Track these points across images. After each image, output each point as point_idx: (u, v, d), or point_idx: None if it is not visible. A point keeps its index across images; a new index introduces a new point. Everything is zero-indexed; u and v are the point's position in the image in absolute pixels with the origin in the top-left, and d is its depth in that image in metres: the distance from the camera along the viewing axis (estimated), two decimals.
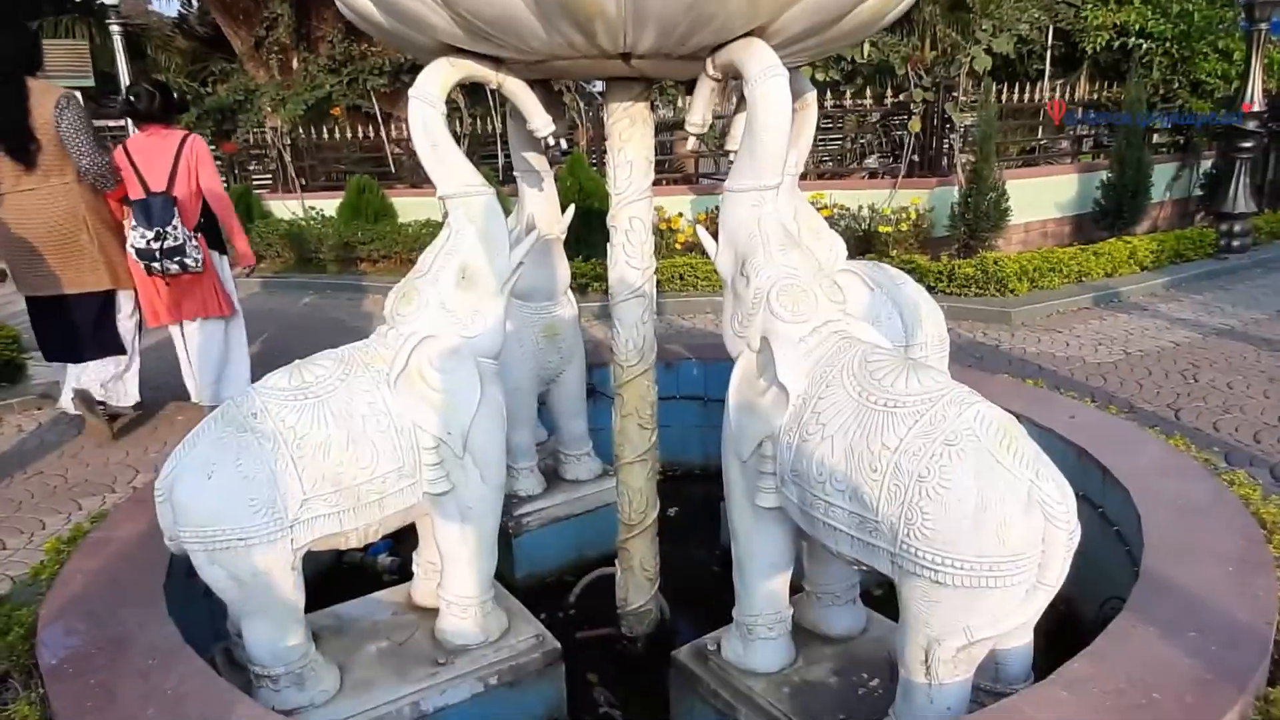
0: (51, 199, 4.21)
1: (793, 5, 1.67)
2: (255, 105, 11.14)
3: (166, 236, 4.20)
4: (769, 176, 1.80)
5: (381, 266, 9.88)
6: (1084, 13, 8.80)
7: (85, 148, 4.14)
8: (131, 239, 4.23)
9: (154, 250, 4.19)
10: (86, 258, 4.30)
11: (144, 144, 4.35)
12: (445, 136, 1.94)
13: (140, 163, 4.29)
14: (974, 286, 6.89)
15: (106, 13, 10.00)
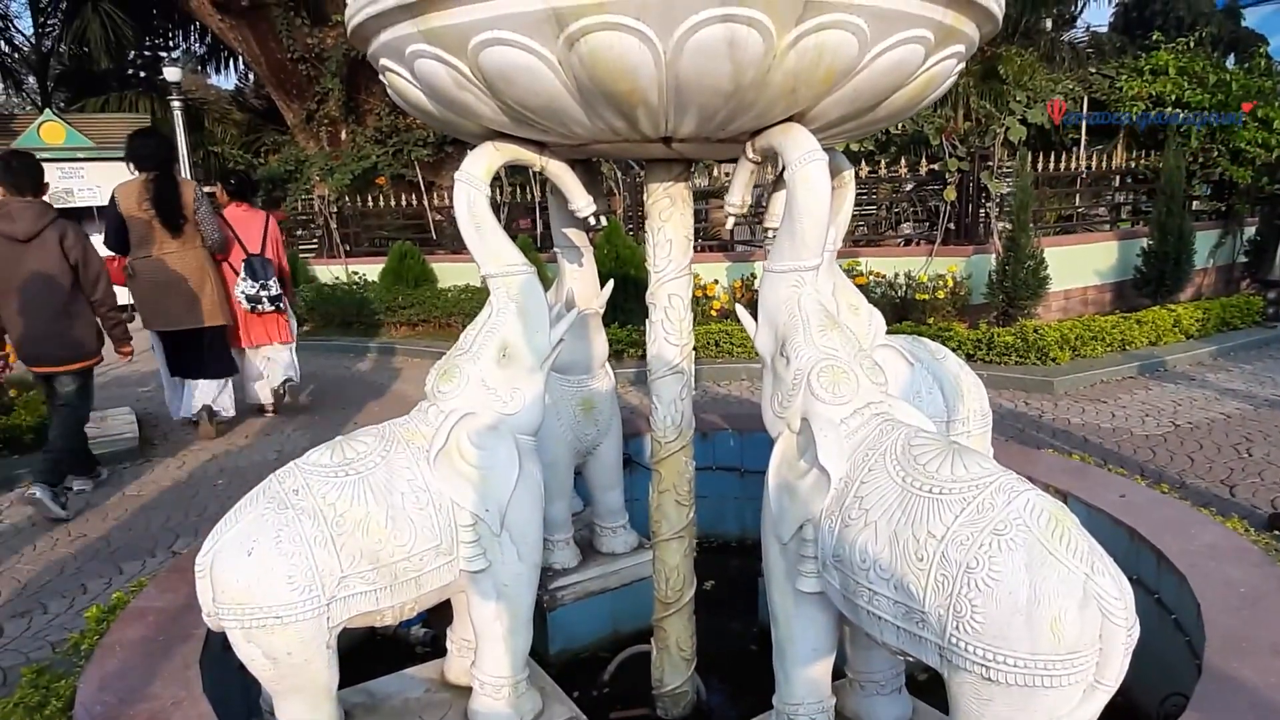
0: (188, 259, 5.55)
1: (831, 93, 1.70)
2: (304, 175, 11.55)
3: (268, 286, 5.98)
4: (809, 258, 1.81)
5: (420, 330, 10.05)
6: (1119, 83, 8.85)
7: (211, 226, 5.65)
8: (242, 287, 5.92)
9: (260, 296, 5.96)
10: (209, 301, 5.65)
11: (238, 216, 6.07)
12: (489, 218, 1.98)
13: (239, 231, 5.98)
14: (1014, 355, 6.80)
15: (169, 89, 10.48)
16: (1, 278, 4.29)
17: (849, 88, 1.70)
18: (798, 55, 1.56)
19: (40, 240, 4.31)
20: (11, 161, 4.40)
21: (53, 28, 18.41)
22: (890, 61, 1.66)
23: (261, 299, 5.95)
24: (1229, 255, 10.06)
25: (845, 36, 1.56)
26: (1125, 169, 9.11)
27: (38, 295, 4.31)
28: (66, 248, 4.38)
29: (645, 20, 1.47)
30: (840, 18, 1.52)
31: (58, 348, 4.45)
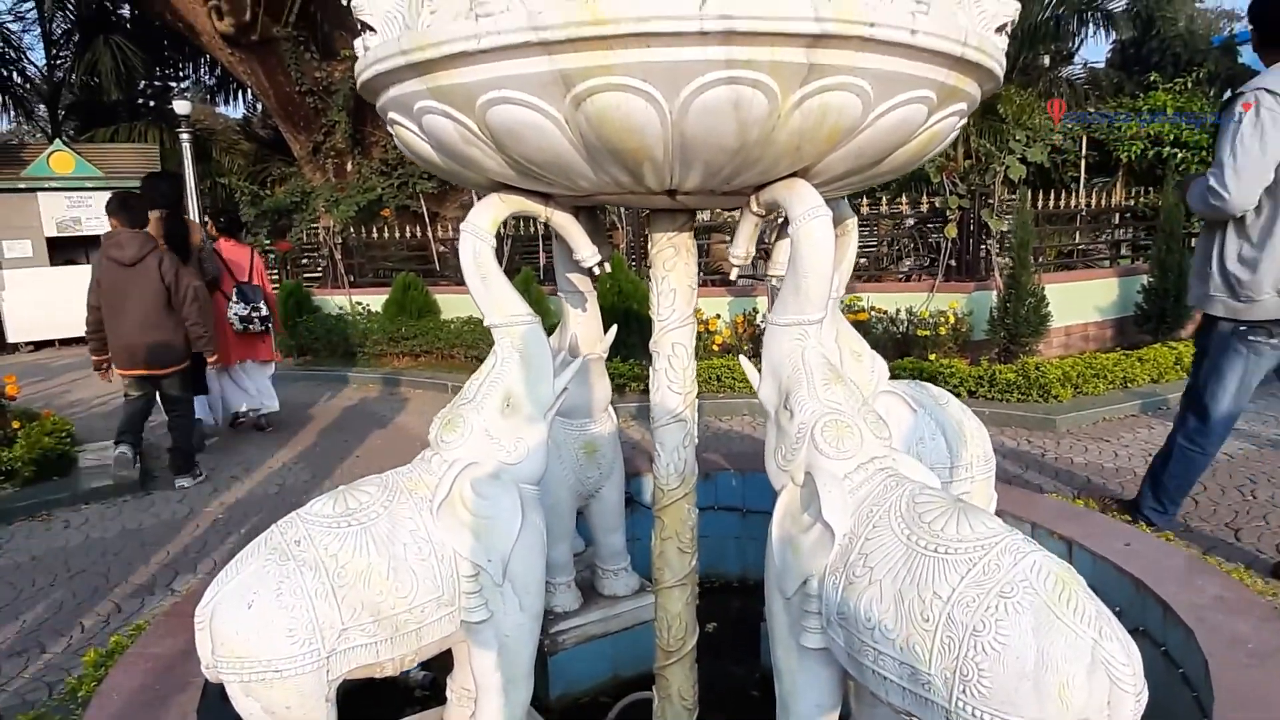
0: None
1: (834, 150, 1.72)
2: (310, 206, 11.64)
3: (259, 308, 6.71)
4: (812, 311, 1.82)
5: (423, 361, 10.07)
6: (1117, 123, 8.94)
7: (211, 263, 6.44)
8: (235, 310, 6.61)
9: (252, 316, 6.67)
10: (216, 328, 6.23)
11: (229, 249, 6.85)
12: (494, 269, 2.00)
13: (230, 262, 6.76)
14: (1015, 392, 6.80)
15: (179, 121, 10.61)
16: (109, 295, 5.22)
17: (853, 145, 1.72)
18: (802, 115, 1.58)
19: (143, 265, 5.25)
20: (127, 200, 5.41)
21: (65, 59, 18.67)
22: (893, 120, 1.68)
23: (253, 319, 6.70)
24: None
25: (849, 97, 1.58)
26: (1124, 206, 9.17)
27: (139, 310, 5.24)
28: (163, 271, 5.30)
29: (651, 81, 1.49)
30: (844, 79, 1.55)
31: (154, 354, 5.33)
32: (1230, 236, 3.32)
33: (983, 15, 1.75)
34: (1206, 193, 3.24)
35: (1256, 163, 3.10)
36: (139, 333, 5.25)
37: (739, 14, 1.41)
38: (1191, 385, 3.78)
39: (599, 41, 1.44)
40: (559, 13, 1.43)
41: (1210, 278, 3.44)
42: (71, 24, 18.45)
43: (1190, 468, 3.79)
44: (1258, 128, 3.09)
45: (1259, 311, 3.30)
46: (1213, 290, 3.45)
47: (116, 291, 5.22)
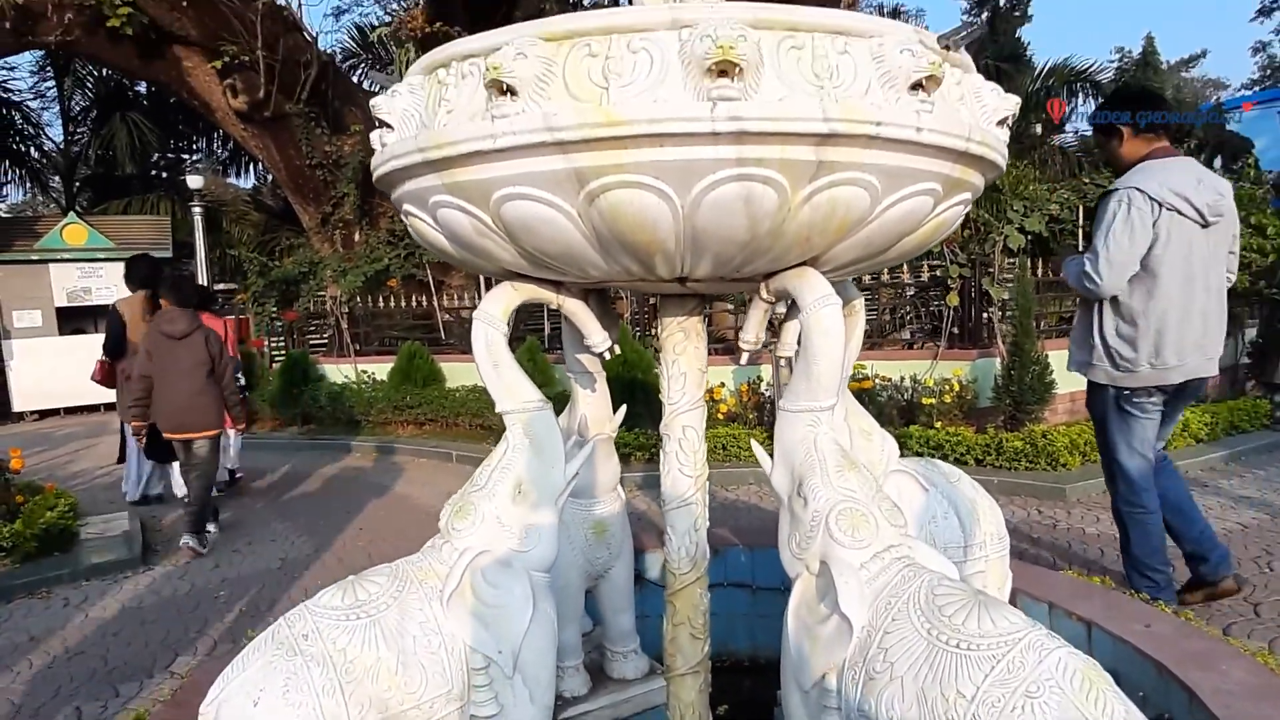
0: None
1: (843, 241, 1.75)
2: (318, 276, 11.78)
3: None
4: (824, 398, 1.82)
5: (428, 429, 10.05)
6: None
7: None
8: None
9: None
10: None
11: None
12: (506, 356, 2.02)
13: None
14: (1024, 461, 6.75)
15: (191, 195, 10.83)
16: (159, 365, 5.66)
17: (861, 235, 1.75)
18: (812, 209, 1.62)
19: (190, 339, 5.75)
20: (179, 283, 6.07)
21: (82, 135, 19.16)
22: (901, 212, 1.71)
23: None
24: (1232, 357, 10.08)
25: (857, 192, 1.62)
26: None
27: (185, 380, 5.69)
28: (209, 345, 5.80)
29: (664, 179, 1.53)
30: (852, 175, 1.58)
31: (197, 419, 5.74)
32: (1108, 313, 3.66)
33: (984, 109, 1.81)
34: (1082, 275, 3.61)
35: (1126, 254, 3.48)
36: (185, 400, 5.69)
37: (750, 115, 1.45)
38: (1102, 452, 3.98)
39: (613, 141, 1.49)
40: (574, 114, 1.48)
41: (1093, 348, 3.75)
42: (90, 101, 18.99)
43: (1147, 531, 3.87)
44: (1128, 224, 3.46)
45: (1136, 380, 3.66)
46: (1095, 360, 3.75)
47: (165, 362, 5.68)
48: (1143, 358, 3.60)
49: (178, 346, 5.70)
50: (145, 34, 11.01)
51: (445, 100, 1.65)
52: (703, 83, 1.44)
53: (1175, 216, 3.48)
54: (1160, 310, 3.54)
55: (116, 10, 10.28)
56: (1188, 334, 3.59)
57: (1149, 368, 3.60)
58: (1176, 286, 3.54)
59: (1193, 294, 3.58)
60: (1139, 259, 3.50)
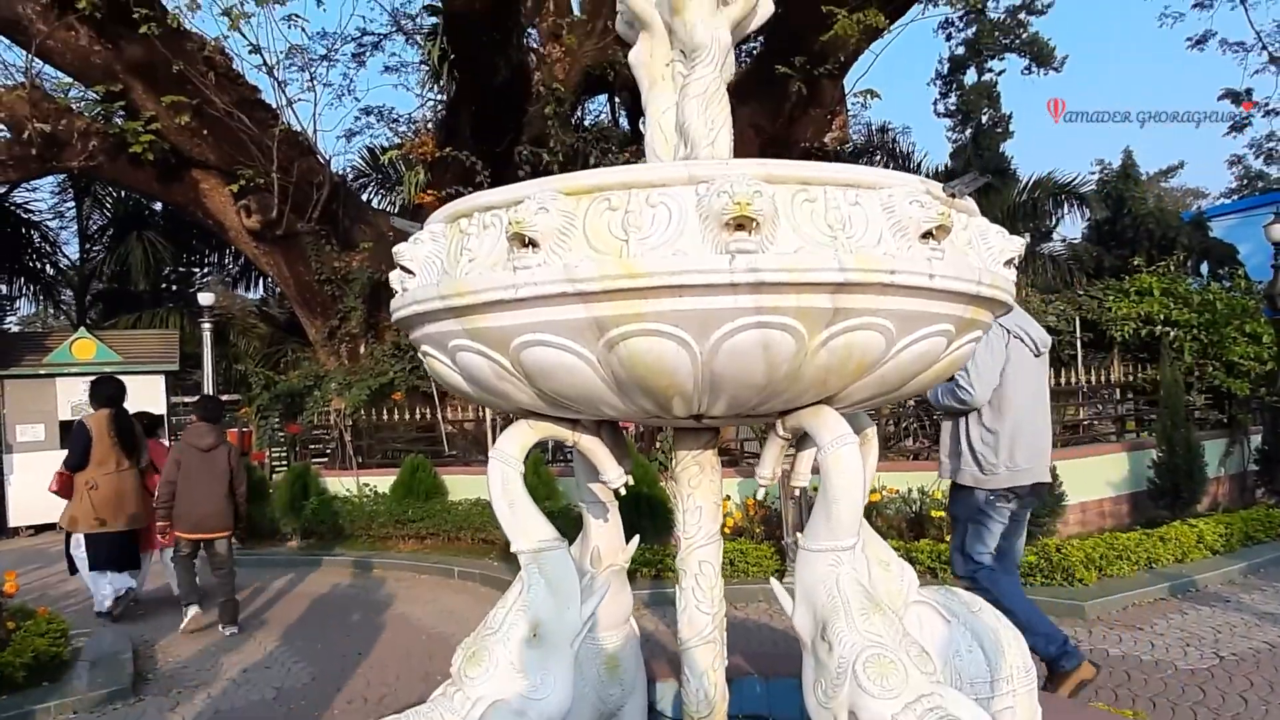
0: (135, 476, 7.10)
1: (859, 380, 1.77)
2: (323, 390, 11.83)
3: None
4: (845, 537, 1.80)
5: (429, 544, 9.87)
6: (1108, 304, 9.25)
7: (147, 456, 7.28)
8: None
9: None
10: (145, 509, 7.06)
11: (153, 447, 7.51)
12: (522, 495, 2.00)
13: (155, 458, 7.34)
14: (1039, 576, 6.60)
15: (201, 312, 11.03)
16: (188, 475, 6.44)
17: (876, 375, 1.77)
18: (828, 353, 1.64)
19: (215, 452, 6.56)
20: (206, 402, 7.29)
21: (98, 252, 19.65)
22: (916, 353, 1.74)
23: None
24: (1239, 464, 10.02)
25: (873, 336, 1.64)
26: (1124, 382, 9.30)
27: (211, 487, 6.50)
28: (230, 458, 6.63)
29: (683, 327, 1.56)
30: (868, 320, 1.62)
31: (219, 521, 6.57)
32: (973, 424, 4.22)
33: (991, 251, 1.86)
34: (955, 390, 4.14)
35: (990, 371, 4.05)
36: (209, 504, 6.48)
37: (767, 267, 1.49)
38: (960, 548, 4.46)
39: (633, 293, 1.52)
40: (595, 266, 1.52)
41: (960, 455, 4.31)
42: (108, 220, 19.57)
43: (1014, 592, 4.36)
44: (989, 346, 3.98)
45: (997, 481, 4.23)
46: (963, 465, 4.30)
47: (194, 471, 6.47)
48: (1001, 462, 4.20)
49: (205, 459, 6.52)
50: (166, 159, 11.46)
51: (467, 249, 1.70)
52: (721, 236, 1.49)
53: (1018, 344, 4.13)
54: (1013, 421, 4.16)
55: (140, 138, 10.73)
56: (1035, 442, 4.27)
57: (1006, 470, 4.20)
58: (1024, 400, 4.16)
59: (1036, 409, 4.26)
60: (999, 374, 4.10)
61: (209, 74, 10.90)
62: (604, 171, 1.59)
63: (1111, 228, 23.31)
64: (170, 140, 11.25)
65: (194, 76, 10.58)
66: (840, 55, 9.94)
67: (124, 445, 7.04)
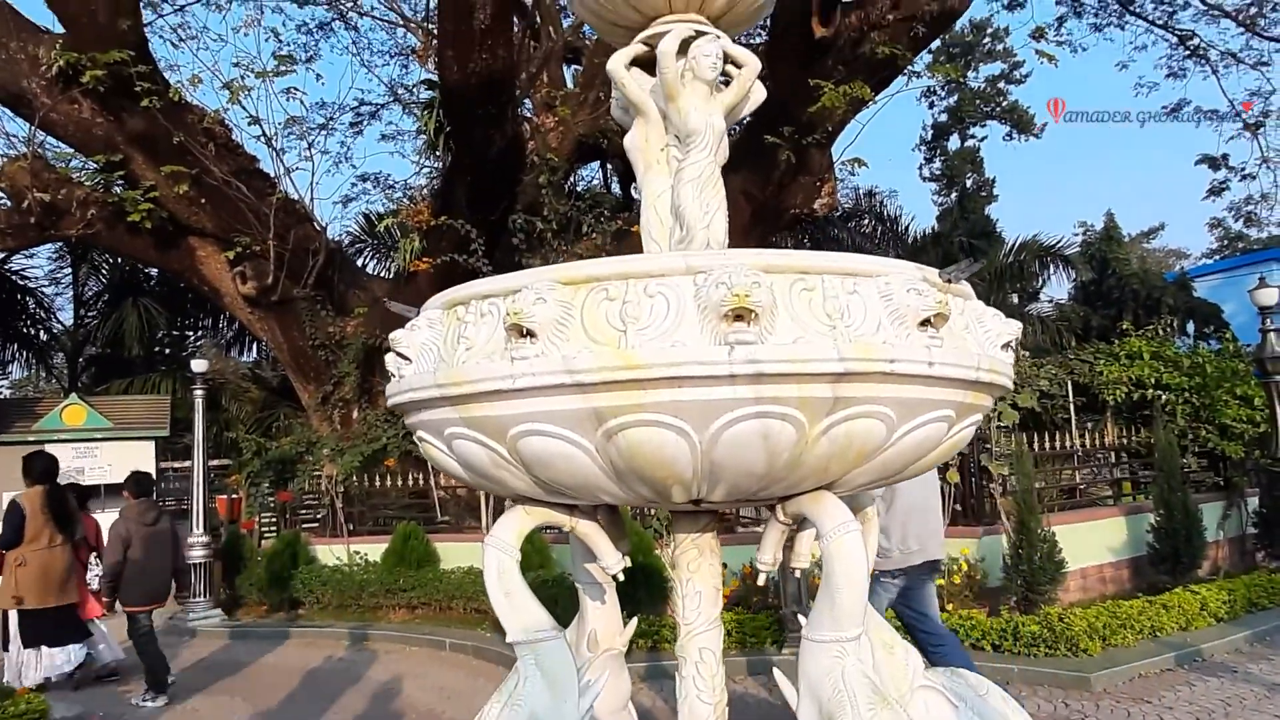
0: (68, 551, 7.08)
1: (860, 467, 1.76)
2: (315, 456, 11.72)
3: None
4: (850, 627, 1.76)
5: (420, 614, 9.65)
6: (1099, 367, 9.30)
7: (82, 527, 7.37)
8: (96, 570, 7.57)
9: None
10: (77, 583, 7.17)
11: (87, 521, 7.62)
12: (519, 583, 1.96)
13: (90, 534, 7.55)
14: (1042, 646, 6.47)
15: (194, 379, 11.01)
16: (138, 549, 6.54)
17: (877, 461, 1.76)
18: (829, 441, 1.63)
19: (160, 526, 6.81)
20: (138, 478, 7.09)
21: (92, 318, 19.66)
22: (917, 439, 1.73)
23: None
24: (1238, 526, 9.96)
25: (874, 424, 1.63)
26: (1118, 445, 9.29)
27: (157, 560, 6.73)
28: (174, 528, 6.98)
29: (683, 417, 1.55)
30: (869, 408, 1.61)
31: (162, 592, 6.83)
32: None
33: (988, 334, 1.87)
34: None
35: None
36: (159, 576, 6.73)
37: (767, 358, 1.49)
38: None
39: (633, 384, 1.52)
40: (594, 358, 1.52)
41: None
42: (103, 286, 19.62)
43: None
44: None
45: (890, 563, 4.65)
46: None
47: (144, 546, 6.62)
48: (894, 546, 4.62)
49: (154, 533, 6.76)
50: (163, 227, 11.56)
51: (464, 338, 1.70)
52: (719, 327, 1.49)
53: None
54: (904, 509, 4.59)
55: (138, 207, 10.84)
56: (926, 525, 4.74)
57: (899, 553, 4.65)
58: (913, 487, 4.46)
59: (926, 494, 4.71)
60: None
61: (208, 144, 11.07)
62: (602, 262, 1.60)
63: (1097, 288, 23.60)
64: (168, 208, 11.37)
65: (193, 147, 10.75)
66: (828, 125, 10.18)
67: (58, 521, 7.11)
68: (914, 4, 9.82)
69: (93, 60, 9.91)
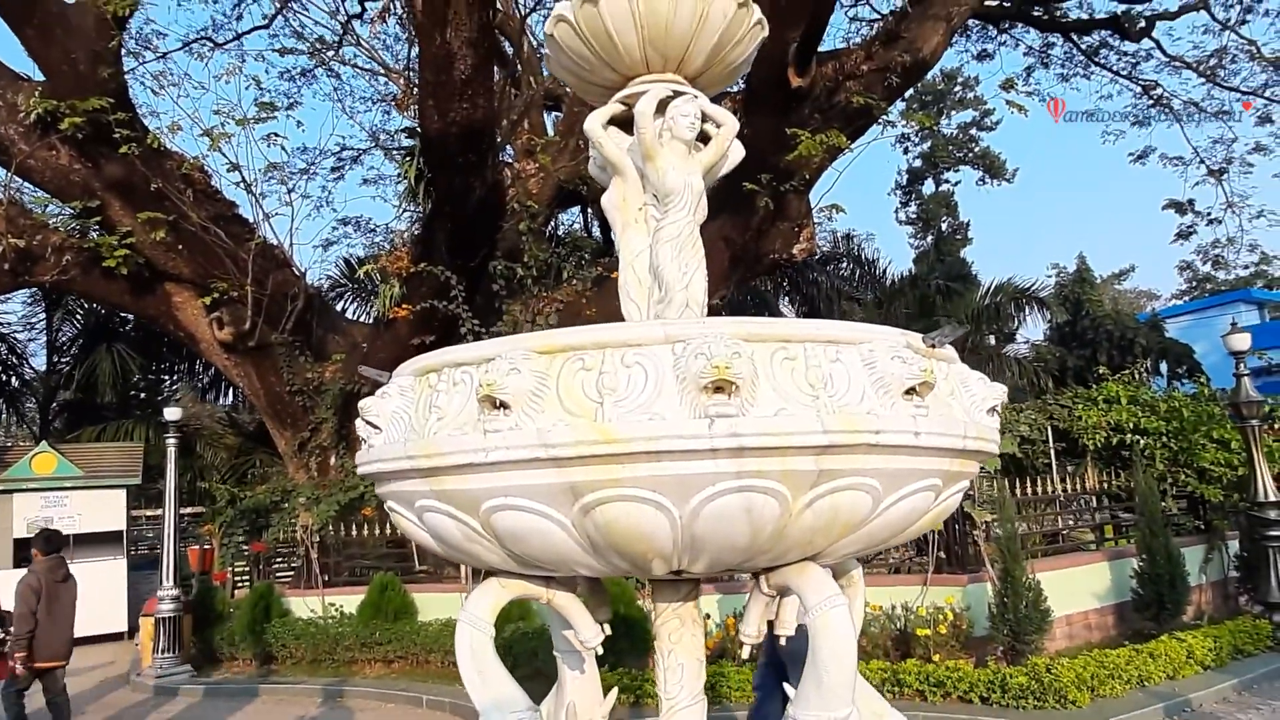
0: None
1: (847, 536, 1.70)
2: (291, 505, 11.49)
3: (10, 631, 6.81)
4: (838, 707, 1.69)
5: (397, 668, 9.39)
6: (1077, 412, 9.35)
7: None
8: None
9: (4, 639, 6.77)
10: None
11: None
12: (493, 662, 1.88)
13: None
14: (1031, 699, 6.36)
15: (167, 427, 10.80)
16: (50, 606, 6.51)
17: (863, 532, 1.71)
18: (813, 514, 1.58)
19: (69, 582, 6.76)
20: (48, 535, 7.00)
21: (65, 363, 19.34)
22: (903, 509, 1.68)
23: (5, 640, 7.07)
24: (1220, 570, 9.95)
25: (859, 495, 1.59)
26: (1099, 490, 9.30)
27: (66, 616, 6.68)
28: (76, 587, 6.77)
29: (662, 492, 1.49)
30: (854, 480, 1.57)
31: (69, 649, 6.72)
32: None
33: (973, 398, 1.83)
34: None
35: None
36: (66, 631, 6.67)
37: (748, 431, 1.45)
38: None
39: (610, 458, 1.46)
40: (569, 431, 1.47)
41: None
42: (78, 331, 19.33)
43: None
44: None
45: None
46: None
47: (55, 602, 6.62)
48: None
49: (63, 588, 6.79)
50: (139, 272, 11.43)
51: (436, 407, 1.64)
52: (699, 399, 1.44)
53: None
54: None
55: (115, 252, 10.74)
56: None
57: None
58: None
59: None
60: None
61: (186, 190, 11.01)
62: (578, 331, 1.55)
63: (1072, 329, 23.90)
64: (145, 254, 11.25)
65: (171, 193, 10.68)
66: (805, 173, 10.30)
67: None
68: (887, 55, 10.03)
69: (72, 108, 9.88)
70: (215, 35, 15.25)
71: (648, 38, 2.12)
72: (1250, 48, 14.74)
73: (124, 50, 11.38)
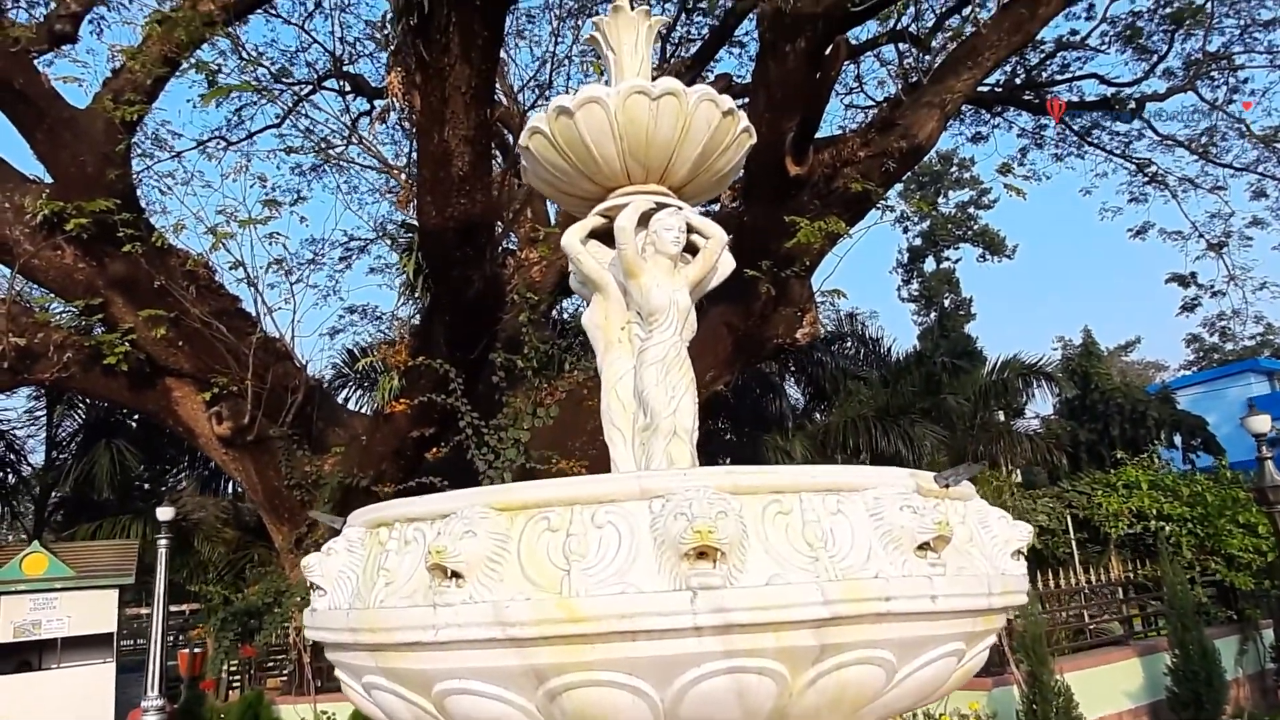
0: None
1: (858, 711, 1.47)
2: (285, 606, 11.11)
3: None
4: None
5: None
6: (1097, 499, 9.04)
7: None
8: None
9: None
10: None
11: None
12: None
13: None
14: None
15: (160, 527, 10.56)
16: None
17: (879, 704, 1.48)
18: (817, 693, 1.36)
19: None
20: None
21: (64, 460, 19.16)
22: (922, 679, 1.46)
23: None
24: (1256, 662, 9.47)
25: (869, 670, 1.37)
26: (1125, 580, 8.92)
27: None
28: None
29: (639, 675, 1.28)
30: (862, 654, 1.35)
31: None
32: None
33: (995, 541, 1.63)
34: None
35: None
36: None
37: (736, 605, 1.24)
38: None
39: (578, 638, 1.26)
40: (530, 608, 1.26)
41: None
42: (78, 426, 19.22)
43: None
44: None
45: None
46: None
47: None
48: None
49: None
50: (140, 368, 11.36)
51: (385, 569, 1.45)
52: (680, 566, 1.25)
53: None
54: None
55: (115, 349, 10.68)
56: None
57: None
58: None
59: None
60: None
61: (189, 286, 11.03)
62: (543, 485, 1.37)
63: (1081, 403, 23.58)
64: (146, 349, 11.20)
65: (174, 290, 10.70)
66: (806, 259, 10.26)
67: None
68: (883, 142, 10.11)
69: (78, 209, 9.97)
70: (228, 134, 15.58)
71: (627, 148, 1.99)
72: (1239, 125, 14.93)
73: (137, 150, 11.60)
